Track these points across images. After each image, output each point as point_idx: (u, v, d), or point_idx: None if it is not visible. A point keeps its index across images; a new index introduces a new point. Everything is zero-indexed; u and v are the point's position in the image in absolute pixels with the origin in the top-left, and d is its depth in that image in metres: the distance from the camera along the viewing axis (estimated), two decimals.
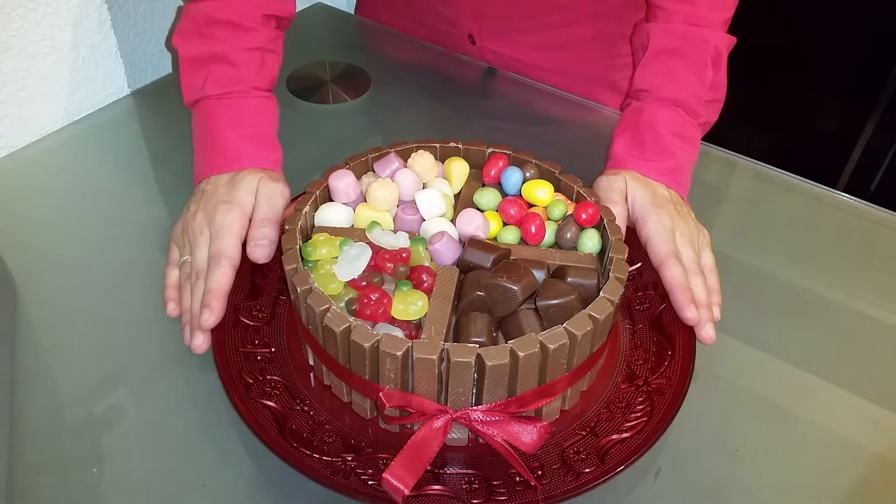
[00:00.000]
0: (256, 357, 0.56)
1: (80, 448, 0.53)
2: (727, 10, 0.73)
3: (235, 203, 0.61)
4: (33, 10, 0.75)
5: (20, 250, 0.67)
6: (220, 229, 0.60)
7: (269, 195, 0.62)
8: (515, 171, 0.61)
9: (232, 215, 0.60)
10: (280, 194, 0.63)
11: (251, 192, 0.62)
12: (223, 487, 0.51)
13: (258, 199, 0.62)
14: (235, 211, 0.61)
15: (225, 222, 0.60)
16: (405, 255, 0.53)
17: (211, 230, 0.60)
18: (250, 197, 0.62)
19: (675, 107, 0.71)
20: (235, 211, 0.61)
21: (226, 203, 0.61)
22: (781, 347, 0.62)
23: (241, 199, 0.62)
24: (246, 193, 0.62)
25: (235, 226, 0.60)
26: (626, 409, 0.54)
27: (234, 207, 0.61)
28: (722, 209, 0.77)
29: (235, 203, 0.61)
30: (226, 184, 0.63)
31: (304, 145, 0.80)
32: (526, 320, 0.50)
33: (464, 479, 0.50)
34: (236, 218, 0.60)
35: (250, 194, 0.62)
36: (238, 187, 0.62)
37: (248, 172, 0.64)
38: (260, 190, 0.63)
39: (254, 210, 0.62)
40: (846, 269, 0.70)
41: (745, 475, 0.53)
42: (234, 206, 0.61)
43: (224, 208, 0.61)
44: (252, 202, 0.62)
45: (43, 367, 0.58)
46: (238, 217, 0.61)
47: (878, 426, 0.57)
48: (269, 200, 0.62)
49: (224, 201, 0.61)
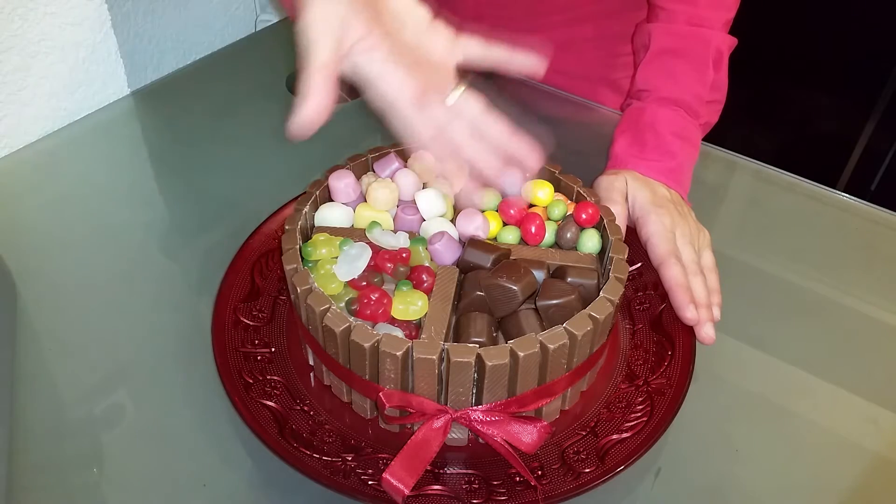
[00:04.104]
0: (256, 357, 0.56)
1: (80, 448, 0.53)
2: (729, 10, 0.73)
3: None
4: (33, 10, 0.75)
5: (20, 250, 0.67)
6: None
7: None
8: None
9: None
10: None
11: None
12: (223, 487, 0.51)
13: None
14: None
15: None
16: (405, 255, 0.53)
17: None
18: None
19: (676, 107, 0.71)
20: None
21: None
22: (781, 347, 0.62)
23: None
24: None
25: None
26: (626, 409, 0.54)
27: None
28: (722, 209, 0.77)
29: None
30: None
31: (304, 145, 0.79)
32: (526, 320, 0.50)
33: (464, 479, 0.50)
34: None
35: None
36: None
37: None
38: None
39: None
40: (846, 269, 0.70)
41: (745, 475, 0.53)
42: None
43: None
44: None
45: (43, 367, 0.58)
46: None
47: (878, 426, 0.57)
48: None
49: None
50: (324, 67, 0.46)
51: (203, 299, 0.62)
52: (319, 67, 0.46)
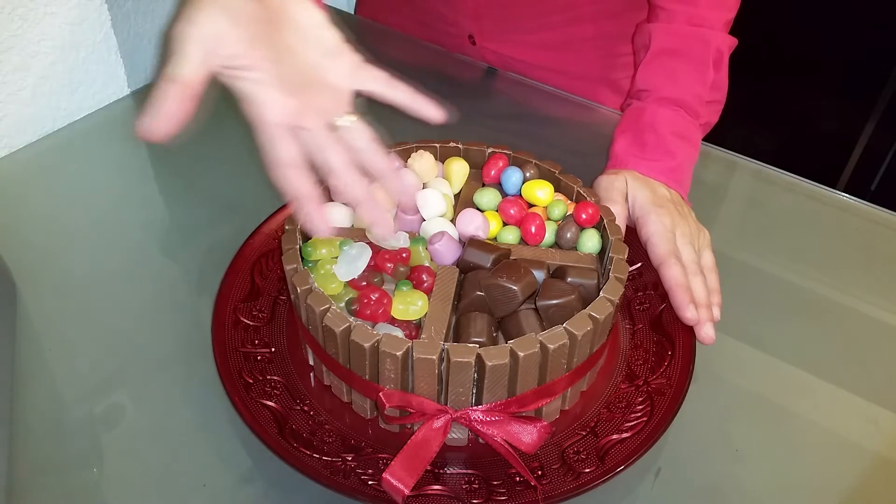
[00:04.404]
0: (256, 357, 0.56)
1: (80, 448, 0.53)
2: (729, 10, 0.73)
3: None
4: (33, 10, 0.75)
5: (20, 250, 0.67)
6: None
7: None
8: (515, 171, 0.61)
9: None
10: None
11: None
12: (223, 487, 0.51)
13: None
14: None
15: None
16: (405, 255, 0.53)
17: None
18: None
19: (676, 107, 0.71)
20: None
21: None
22: (781, 347, 0.62)
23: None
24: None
25: None
26: (626, 409, 0.54)
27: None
28: (722, 209, 0.77)
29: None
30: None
31: None
32: (526, 320, 0.50)
33: (464, 479, 0.50)
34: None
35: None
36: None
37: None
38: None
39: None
40: (846, 269, 0.70)
41: (745, 475, 0.53)
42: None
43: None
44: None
45: (43, 367, 0.58)
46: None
47: (878, 426, 0.57)
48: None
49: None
50: (180, 80, 0.46)
51: (203, 299, 0.62)
52: (175, 79, 0.45)
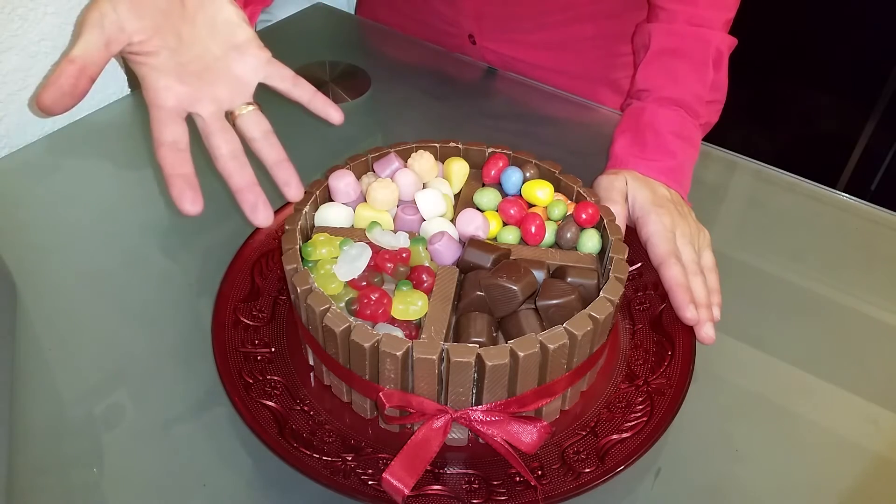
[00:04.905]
0: (256, 357, 0.56)
1: (80, 448, 0.53)
2: (729, 10, 0.73)
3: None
4: (33, 10, 0.75)
5: (20, 250, 0.67)
6: None
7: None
8: (515, 171, 0.61)
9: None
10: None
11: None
12: (223, 487, 0.51)
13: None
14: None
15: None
16: (405, 255, 0.53)
17: None
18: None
19: (676, 107, 0.71)
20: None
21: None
22: (781, 347, 0.62)
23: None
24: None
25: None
26: (626, 409, 0.54)
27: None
28: (722, 209, 0.77)
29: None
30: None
31: (304, 145, 0.80)
32: (526, 320, 0.50)
33: (464, 479, 0.50)
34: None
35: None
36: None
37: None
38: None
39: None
40: (846, 269, 0.70)
41: (745, 475, 0.53)
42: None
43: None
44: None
45: (43, 367, 0.58)
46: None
47: (878, 426, 0.57)
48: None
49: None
50: (78, 60, 0.47)
51: (203, 299, 0.62)
52: (74, 59, 0.47)
